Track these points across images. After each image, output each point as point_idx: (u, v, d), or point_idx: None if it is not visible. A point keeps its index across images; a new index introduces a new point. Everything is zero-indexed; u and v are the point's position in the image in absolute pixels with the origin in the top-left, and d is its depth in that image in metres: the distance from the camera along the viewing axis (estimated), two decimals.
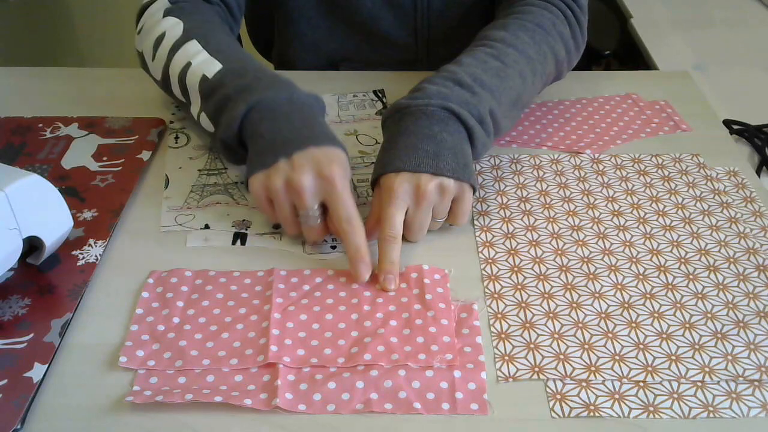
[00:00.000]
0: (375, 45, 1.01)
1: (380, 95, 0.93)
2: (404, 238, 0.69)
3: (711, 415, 0.57)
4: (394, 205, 0.67)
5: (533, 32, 0.81)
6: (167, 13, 0.82)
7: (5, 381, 0.57)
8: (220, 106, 0.73)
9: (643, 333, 0.63)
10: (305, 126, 0.69)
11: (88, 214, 0.73)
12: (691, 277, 0.68)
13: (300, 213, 0.68)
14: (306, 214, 0.67)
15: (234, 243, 0.72)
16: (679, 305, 0.66)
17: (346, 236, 0.66)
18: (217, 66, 0.75)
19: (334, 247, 0.71)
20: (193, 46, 0.77)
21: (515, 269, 0.69)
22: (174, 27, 0.80)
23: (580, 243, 0.72)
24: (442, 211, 0.70)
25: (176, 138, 0.85)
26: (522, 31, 0.81)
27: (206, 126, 0.76)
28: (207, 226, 0.73)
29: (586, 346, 0.62)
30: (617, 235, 0.73)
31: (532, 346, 0.62)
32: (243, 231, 0.73)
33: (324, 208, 0.68)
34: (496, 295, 0.66)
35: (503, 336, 0.62)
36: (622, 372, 0.60)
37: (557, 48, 0.83)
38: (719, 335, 0.63)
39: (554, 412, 0.57)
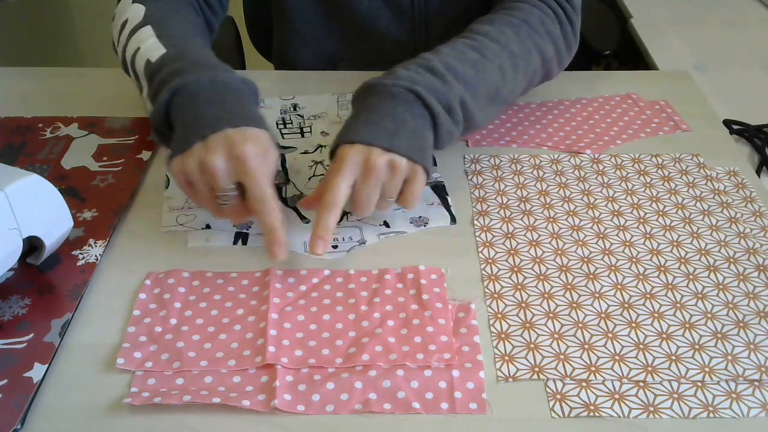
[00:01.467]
0: (373, 44, 1.01)
1: None
2: (352, 213, 0.71)
3: (711, 415, 0.57)
4: (341, 173, 0.67)
5: (518, 28, 0.81)
6: (135, 0, 0.83)
7: (5, 381, 0.57)
8: (155, 92, 0.73)
9: (643, 333, 0.63)
10: (225, 109, 0.69)
11: (88, 214, 0.73)
12: (691, 277, 0.68)
13: (217, 194, 0.67)
14: (222, 195, 0.67)
15: (235, 243, 0.72)
16: (679, 305, 0.65)
17: (260, 216, 0.66)
18: (161, 51, 0.75)
19: (335, 247, 0.71)
20: (147, 31, 0.78)
21: (515, 269, 0.69)
22: (136, 12, 0.81)
23: (580, 243, 0.72)
24: (391, 190, 0.69)
25: None
26: (507, 27, 0.80)
27: (150, 111, 0.74)
28: (208, 226, 0.73)
29: (586, 346, 0.62)
30: (617, 235, 0.73)
31: (532, 346, 0.62)
32: (244, 231, 0.73)
33: (243, 188, 0.67)
34: (496, 295, 0.66)
35: (503, 336, 0.62)
36: (622, 372, 0.60)
37: (544, 46, 0.83)
38: (719, 335, 0.63)
39: (554, 412, 0.57)
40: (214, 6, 0.91)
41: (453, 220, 0.74)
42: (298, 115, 0.90)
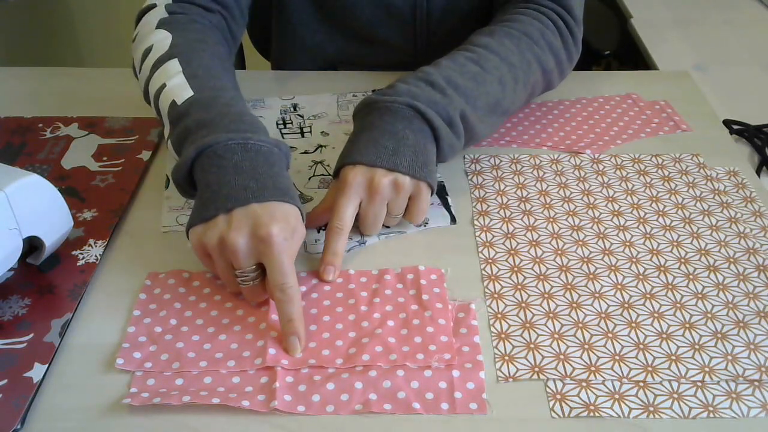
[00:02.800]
0: (374, 51, 1.01)
1: None
2: (360, 232, 0.72)
3: (711, 415, 0.57)
4: (346, 196, 0.68)
5: (519, 40, 0.81)
6: (160, 24, 0.79)
7: (5, 381, 0.57)
8: (180, 139, 0.69)
9: (643, 333, 0.63)
10: (254, 178, 0.64)
11: (88, 214, 0.73)
12: (691, 277, 0.68)
13: (236, 272, 0.63)
14: (241, 275, 0.62)
15: None
16: (679, 305, 0.65)
17: (279, 305, 0.61)
18: (188, 93, 0.71)
19: None
20: (174, 66, 0.74)
21: (515, 269, 0.69)
22: (162, 41, 0.77)
23: (580, 243, 0.72)
24: (397, 208, 0.70)
25: None
26: (507, 39, 0.81)
27: (172, 155, 0.72)
28: None
29: (586, 346, 0.62)
30: (617, 235, 0.73)
31: (532, 346, 0.62)
32: None
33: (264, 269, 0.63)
34: (496, 295, 0.66)
35: (503, 336, 0.62)
36: (622, 372, 0.60)
37: (544, 58, 0.83)
38: (719, 335, 0.63)
39: (554, 412, 0.57)
40: (237, 18, 0.88)
41: (453, 220, 0.74)
42: (298, 115, 0.90)
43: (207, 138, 0.66)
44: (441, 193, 0.77)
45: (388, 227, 0.73)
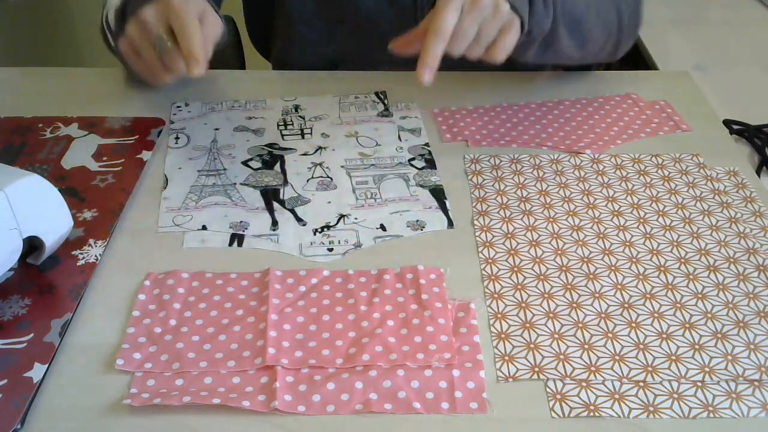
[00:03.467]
0: (374, 45, 1.01)
1: (382, 97, 0.93)
2: (448, 49, 0.72)
3: (711, 415, 0.57)
4: (449, 2, 0.70)
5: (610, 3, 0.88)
6: None
7: (5, 381, 0.57)
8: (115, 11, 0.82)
9: (643, 333, 0.63)
10: None
11: (88, 214, 0.73)
12: (691, 277, 0.68)
13: (154, 45, 0.74)
14: (158, 43, 0.74)
15: (231, 244, 0.71)
16: (679, 305, 0.65)
17: (180, 40, 0.72)
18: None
19: (330, 250, 0.71)
20: None
21: (515, 269, 0.69)
22: None
23: (580, 243, 0.72)
24: (488, 32, 0.72)
25: (176, 138, 0.85)
26: None
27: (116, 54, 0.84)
28: (204, 227, 0.73)
29: (586, 346, 0.62)
30: (617, 235, 0.73)
31: (532, 346, 0.62)
32: (240, 233, 0.73)
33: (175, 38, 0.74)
34: (496, 295, 0.66)
35: (503, 336, 0.62)
36: (622, 372, 0.60)
37: (623, 8, 0.90)
38: (719, 335, 0.63)
39: (554, 412, 0.57)
40: None
41: (450, 224, 0.74)
42: (300, 116, 0.90)
43: None
44: (439, 196, 0.77)
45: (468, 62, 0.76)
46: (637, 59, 1.16)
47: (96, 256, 0.69)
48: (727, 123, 0.91)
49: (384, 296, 0.65)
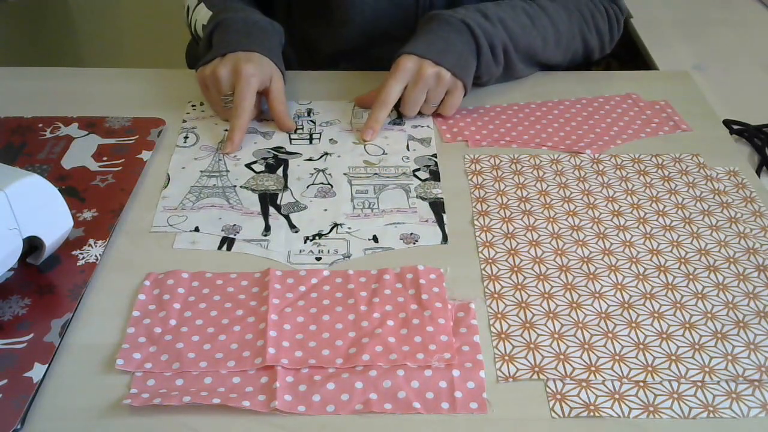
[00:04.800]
0: (375, 44, 1.01)
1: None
2: (399, 112, 0.88)
3: (711, 415, 0.57)
4: (395, 77, 0.84)
5: (572, 14, 0.95)
6: None
7: (5, 381, 0.57)
8: (203, 40, 0.93)
9: (643, 333, 0.63)
10: (247, 38, 0.87)
11: (88, 214, 0.73)
12: (691, 277, 0.68)
13: (221, 98, 0.86)
14: (225, 100, 0.86)
15: (220, 248, 0.71)
16: (679, 305, 0.65)
17: (231, 116, 0.84)
18: (209, 14, 0.94)
19: (318, 259, 0.70)
20: (200, 7, 0.96)
21: (515, 269, 0.69)
22: None
23: (580, 243, 0.72)
24: (435, 97, 0.86)
25: (185, 137, 0.85)
26: (563, 10, 0.95)
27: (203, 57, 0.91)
28: (197, 229, 0.73)
29: (586, 346, 0.62)
30: (617, 235, 0.73)
31: (532, 346, 0.62)
32: (231, 236, 0.72)
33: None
34: (496, 295, 0.66)
35: (503, 336, 0.62)
36: (622, 372, 0.60)
37: (589, 36, 0.97)
38: (719, 335, 0.63)
39: (554, 412, 0.57)
40: None
41: (445, 239, 0.73)
42: (311, 120, 0.89)
43: (219, 17, 0.90)
44: (438, 210, 0.76)
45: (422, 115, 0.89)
46: (637, 59, 1.16)
47: (96, 256, 0.69)
48: (727, 123, 0.91)
49: (384, 296, 0.65)
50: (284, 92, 0.88)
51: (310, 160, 0.83)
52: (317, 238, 0.72)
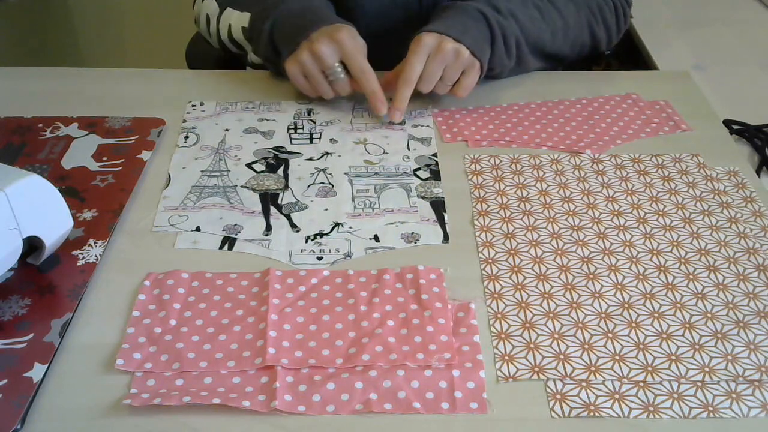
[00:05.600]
0: (380, 44, 1.01)
1: None
2: (417, 87, 0.86)
3: (711, 415, 0.57)
4: (417, 53, 0.85)
5: (580, 8, 0.97)
6: None
7: (5, 381, 0.57)
8: (257, 37, 0.91)
9: (643, 333, 0.63)
10: (316, 16, 0.87)
11: (88, 214, 0.73)
12: (691, 277, 0.68)
13: (327, 74, 0.86)
14: (332, 73, 0.86)
15: (221, 247, 0.71)
16: (679, 305, 0.66)
17: (363, 84, 0.85)
18: (247, 16, 0.93)
19: (320, 258, 0.70)
20: (228, 12, 0.96)
21: (515, 269, 0.69)
22: (210, 5, 0.99)
23: (580, 243, 0.72)
24: (451, 75, 0.86)
25: (186, 137, 0.85)
26: (572, 3, 0.97)
27: (266, 61, 0.94)
28: (198, 229, 0.73)
29: (586, 346, 0.62)
30: (617, 235, 0.73)
31: (532, 346, 0.62)
32: (232, 236, 0.72)
33: (346, 68, 0.86)
34: (496, 295, 0.66)
35: (503, 336, 0.62)
36: (622, 372, 0.60)
37: (597, 29, 0.99)
38: (719, 335, 0.63)
39: (554, 412, 0.57)
40: None
41: (446, 238, 0.73)
42: (311, 120, 0.89)
43: (272, 14, 0.89)
44: (439, 209, 0.76)
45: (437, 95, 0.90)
46: (637, 59, 1.16)
47: (96, 256, 0.69)
48: (727, 123, 0.91)
49: (384, 296, 0.65)
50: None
51: (310, 159, 0.83)
52: (318, 237, 0.72)
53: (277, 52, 0.90)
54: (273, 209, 0.76)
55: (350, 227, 0.74)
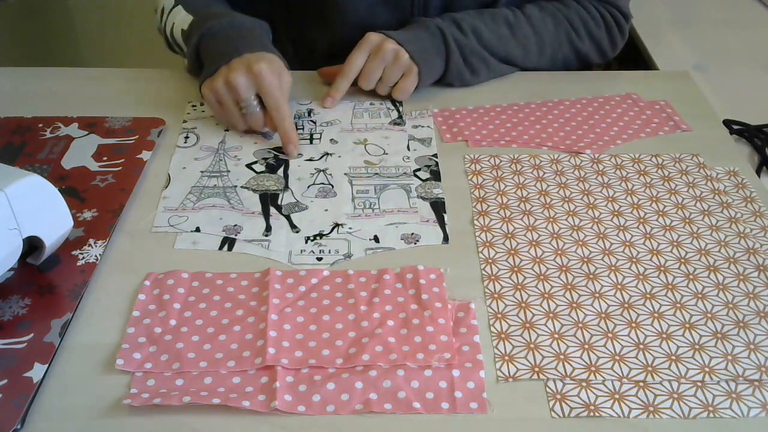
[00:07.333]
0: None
1: (398, 104, 0.92)
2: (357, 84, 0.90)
3: (711, 415, 0.57)
4: (359, 49, 0.89)
5: (559, 24, 0.97)
6: None
7: (5, 381, 0.57)
8: (188, 45, 0.89)
9: (643, 333, 0.63)
10: (243, 41, 0.84)
11: (88, 214, 0.73)
12: (691, 277, 0.68)
13: (241, 106, 0.83)
14: (246, 106, 0.82)
15: (221, 248, 0.71)
16: (679, 305, 0.66)
17: (276, 121, 0.82)
18: (189, 18, 0.91)
19: (320, 259, 0.70)
20: (178, 9, 0.94)
21: (515, 269, 0.69)
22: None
23: (580, 243, 0.72)
24: (390, 76, 0.89)
25: (186, 137, 0.85)
26: (550, 18, 0.97)
27: (192, 74, 0.93)
28: (198, 229, 0.73)
29: (586, 346, 0.62)
30: (617, 235, 0.73)
31: (532, 346, 0.62)
32: (232, 236, 0.72)
33: (261, 100, 0.83)
34: (496, 295, 0.66)
35: (503, 336, 0.62)
36: (622, 372, 0.60)
37: (579, 45, 0.98)
38: (719, 335, 0.63)
39: (554, 412, 0.57)
40: None
41: (446, 239, 0.73)
42: (311, 121, 0.89)
43: (203, 27, 0.86)
44: (439, 209, 0.76)
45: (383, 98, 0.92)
46: (637, 59, 1.16)
47: (96, 256, 0.69)
48: (727, 123, 0.91)
49: (384, 296, 0.65)
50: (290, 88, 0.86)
51: (310, 160, 0.83)
52: (318, 238, 0.72)
53: (202, 67, 0.87)
54: (273, 210, 0.76)
55: (350, 228, 0.74)
